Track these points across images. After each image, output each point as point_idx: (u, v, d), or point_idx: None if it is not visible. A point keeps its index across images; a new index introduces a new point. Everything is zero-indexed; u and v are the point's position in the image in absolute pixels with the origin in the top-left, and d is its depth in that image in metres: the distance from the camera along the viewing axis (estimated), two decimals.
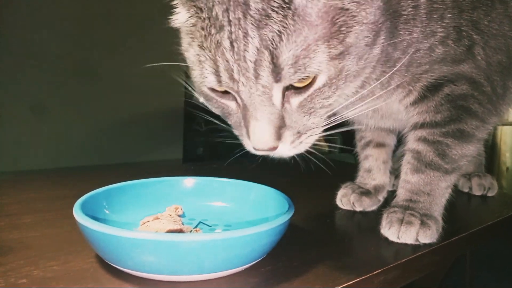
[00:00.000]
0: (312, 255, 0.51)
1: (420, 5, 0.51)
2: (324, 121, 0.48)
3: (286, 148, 0.46)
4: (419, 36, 0.52)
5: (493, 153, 2.65)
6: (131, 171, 0.52)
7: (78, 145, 1.52)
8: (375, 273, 0.46)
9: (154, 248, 0.39)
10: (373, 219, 0.63)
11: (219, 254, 0.41)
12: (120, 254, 0.42)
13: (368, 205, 0.71)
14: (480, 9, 0.54)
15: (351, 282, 0.44)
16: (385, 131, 0.75)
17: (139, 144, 1.67)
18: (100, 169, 1.44)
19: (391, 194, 0.71)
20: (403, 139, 0.65)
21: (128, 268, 0.42)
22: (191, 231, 0.54)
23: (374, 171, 0.75)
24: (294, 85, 0.42)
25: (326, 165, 0.57)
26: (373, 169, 0.75)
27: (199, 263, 0.41)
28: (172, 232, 0.50)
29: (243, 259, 0.44)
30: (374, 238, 0.58)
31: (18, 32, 1.37)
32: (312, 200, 0.78)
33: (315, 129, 0.47)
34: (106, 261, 0.44)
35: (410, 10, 0.51)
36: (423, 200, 0.58)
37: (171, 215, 0.56)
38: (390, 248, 0.55)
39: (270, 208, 0.55)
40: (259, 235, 0.43)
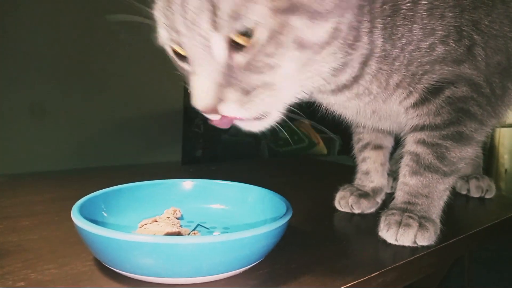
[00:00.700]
0: (310, 257, 0.51)
1: (420, 1, 0.51)
2: (285, 86, 0.45)
3: (232, 108, 0.43)
4: (419, 34, 0.52)
5: (491, 155, 2.66)
6: (129, 173, 0.52)
7: (77, 147, 1.52)
8: (373, 275, 0.46)
9: (152, 251, 0.39)
10: (371, 221, 0.63)
11: (217, 257, 0.41)
12: (118, 257, 0.42)
13: (367, 207, 0.72)
14: (481, 9, 0.53)
15: (349, 285, 0.44)
16: (383, 133, 0.75)
17: (138, 146, 1.67)
18: (99, 171, 1.44)
19: (390, 196, 0.71)
20: (401, 141, 0.65)
21: (126, 271, 0.42)
22: (189, 233, 0.54)
23: (372, 173, 0.75)
24: (237, 41, 0.41)
25: (325, 167, 0.57)
26: (371, 171, 0.75)
27: (197, 265, 0.41)
28: (171, 234, 0.50)
29: (241, 261, 0.44)
30: (372, 240, 0.58)
31: (18, 33, 1.37)
32: (310, 202, 0.78)
33: (269, 90, 0.44)
34: (104, 264, 0.44)
35: (409, 5, 0.51)
36: (421, 202, 0.58)
37: (169, 218, 0.56)
38: (388, 250, 0.55)
39: (268, 211, 0.55)
40: (257, 238, 0.43)
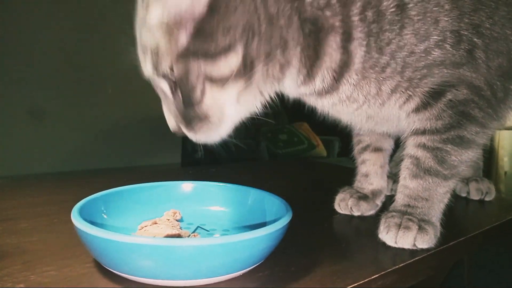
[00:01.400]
0: (310, 259, 0.51)
1: (407, 5, 0.50)
2: (219, 115, 0.51)
3: (188, 134, 0.52)
4: (411, 39, 0.51)
5: (491, 157, 2.66)
6: (129, 175, 0.52)
7: (76, 149, 1.52)
8: (373, 277, 0.46)
9: (152, 253, 0.39)
10: (371, 224, 0.63)
11: (217, 259, 0.41)
12: (118, 259, 0.42)
13: (366, 209, 0.72)
14: (482, 11, 0.52)
15: (349, 287, 0.44)
16: (383, 135, 0.74)
17: (137, 148, 1.67)
18: (98, 173, 1.44)
19: (390, 199, 0.71)
20: (401, 143, 0.65)
21: (126, 273, 0.42)
22: (189, 235, 0.54)
23: (371, 175, 0.75)
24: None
25: (324, 169, 0.57)
26: (371, 173, 0.75)
27: (197, 268, 0.41)
28: (170, 236, 0.50)
29: (241, 264, 0.43)
30: (372, 242, 0.58)
31: (18, 36, 1.37)
32: (310, 205, 0.78)
33: (205, 121, 0.50)
34: (104, 266, 0.44)
35: (394, 10, 0.50)
36: (421, 205, 0.58)
37: (169, 220, 0.56)
38: (388, 253, 0.55)
39: (268, 213, 0.55)
40: (257, 240, 0.43)
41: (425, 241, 0.55)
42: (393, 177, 0.80)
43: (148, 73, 0.50)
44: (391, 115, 0.60)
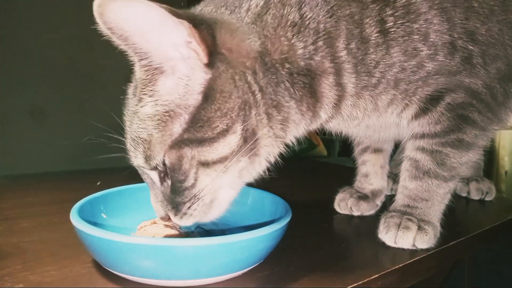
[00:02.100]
0: (309, 259, 0.51)
1: (389, 29, 0.51)
2: (213, 195, 0.50)
3: (176, 220, 0.50)
4: (399, 57, 0.52)
5: (491, 157, 2.65)
6: (129, 175, 0.52)
7: (76, 149, 1.52)
8: (372, 277, 0.46)
9: (151, 253, 0.39)
10: (371, 224, 0.63)
11: (216, 259, 0.41)
12: (117, 259, 0.42)
13: (366, 209, 0.71)
14: (475, 19, 0.52)
15: (348, 287, 0.44)
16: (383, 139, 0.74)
17: None
18: (98, 173, 1.44)
19: (390, 199, 0.71)
20: (401, 145, 0.65)
21: (125, 273, 0.42)
22: (188, 236, 0.54)
23: (371, 176, 0.75)
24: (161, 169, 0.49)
25: (325, 168, 0.57)
26: (370, 174, 0.75)
27: (196, 268, 0.41)
28: (170, 237, 0.50)
29: (240, 264, 0.43)
30: (371, 242, 0.58)
31: (18, 36, 1.37)
32: (310, 205, 0.78)
33: (197, 203, 0.49)
34: (103, 266, 0.44)
35: (377, 35, 0.51)
36: (421, 206, 0.58)
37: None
38: (388, 253, 0.55)
39: (268, 213, 0.55)
40: (257, 240, 0.43)
41: (425, 241, 0.55)
42: (393, 177, 0.80)
43: (139, 164, 0.49)
44: (390, 123, 0.61)
